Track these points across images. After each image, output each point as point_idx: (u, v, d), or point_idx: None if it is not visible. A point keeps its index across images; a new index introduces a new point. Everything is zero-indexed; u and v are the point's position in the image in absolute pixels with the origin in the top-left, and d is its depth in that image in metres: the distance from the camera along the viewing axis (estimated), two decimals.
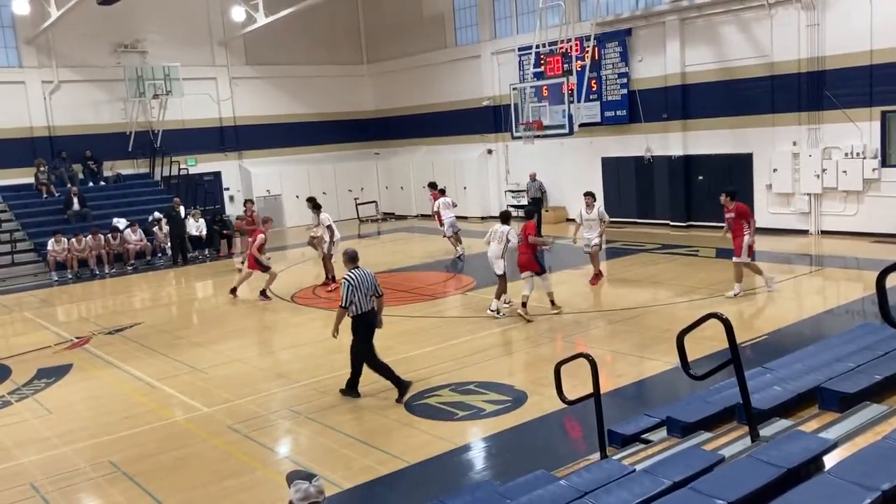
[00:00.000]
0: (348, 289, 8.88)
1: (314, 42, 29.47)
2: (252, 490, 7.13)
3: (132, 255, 21.38)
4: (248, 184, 28.03)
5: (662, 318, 12.03)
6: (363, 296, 8.94)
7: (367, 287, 8.99)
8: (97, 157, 24.91)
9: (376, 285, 9.13)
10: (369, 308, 9.04)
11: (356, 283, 8.90)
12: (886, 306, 4.26)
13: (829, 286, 14.33)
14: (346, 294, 8.88)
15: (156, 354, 12.03)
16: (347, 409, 9.00)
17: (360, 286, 8.91)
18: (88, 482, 7.48)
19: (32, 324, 15.09)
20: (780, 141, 19.19)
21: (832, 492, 3.39)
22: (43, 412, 9.65)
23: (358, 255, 9.33)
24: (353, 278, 8.93)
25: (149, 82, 24.73)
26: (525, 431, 7.95)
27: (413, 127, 29.51)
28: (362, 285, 8.94)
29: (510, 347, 11.35)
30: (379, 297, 9.21)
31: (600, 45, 22.20)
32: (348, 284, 8.90)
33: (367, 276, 9.06)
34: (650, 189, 22.28)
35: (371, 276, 9.13)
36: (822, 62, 18.12)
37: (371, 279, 9.07)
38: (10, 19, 23.67)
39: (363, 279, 8.98)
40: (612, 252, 18.68)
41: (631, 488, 3.96)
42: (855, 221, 18.05)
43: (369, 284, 9.02)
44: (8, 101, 23.62)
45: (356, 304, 8.91)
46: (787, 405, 5.22)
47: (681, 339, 4.99)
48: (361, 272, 9.06)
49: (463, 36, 27.55)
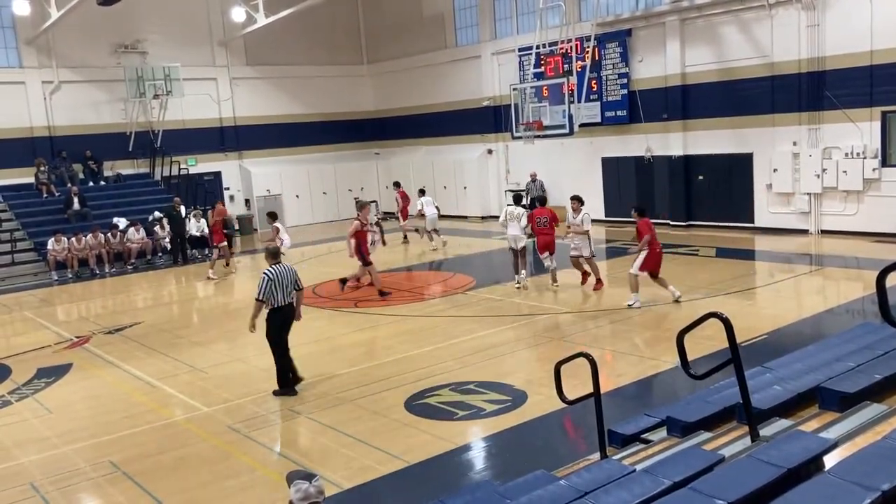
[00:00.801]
0: (267, 283, 9.24)
1: (314, 42, 29.48)
2: (252, 490, 7.13)
3: (133, 255, 21.39)
4: (248, 184, 28.05)
5: (662, 318, 12.03)
6: (283, 290, 9.34)
7: (287, 282, 9.39)
8: (97, 157, 24.92)
9: (296, 280, 9.54)
10: (287, 302, 9.44)
11: (275, 278, 9.28)
12: (886, 306, 4.26)
13: (829, 286, 14.33)
14: (264, 288, 9.24)
15: (156, 354, 12.03)
16: (347, 409, 9.00)
17: (279, 281, 9.30)
18: (88, 482, 7.48)
19: (32, 323, 15.09)
20: (780, 141, 19.19)
21: (832, 492, 3.39)
22: (43, 412, 9.65)
23: (279, 251, 9.92)
24: (272, 273, 9.31)
25: (149, 82, 24.75)
26: (525, 431, 7.94)
27: (413, 127, 29.51)
28: (282, 280, 9.32)
29: (510, 347, 11.34)
30: (298, 290, 9.63)
31: (600, 45, 22.21)
32: (267, 279, 9.25)
33: (287, 271, 9.44)
34: (650, 189, 22.27)
35: (291, 271, 9.52)
36: (822, 62, 18.12)
37: (291, 274, 9.46)
38: (10, 20, 23.69)
39: (282, 274, 9.36)
40: (613, 252, 18.69)
41: (631, 488, 3.96)
42: (855, 221, 18.05)
43: (289, 279, 9.41)
44: (8, 101, 23.63)
45: (274, 298, 9.32)
46: (787, 405, 5.22)
47: (681, 339, 5.00)
48: (282, 267, 9.46)
49: (463, 36, 27.55)
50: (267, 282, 9.23)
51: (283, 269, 9.46)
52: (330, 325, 13.20)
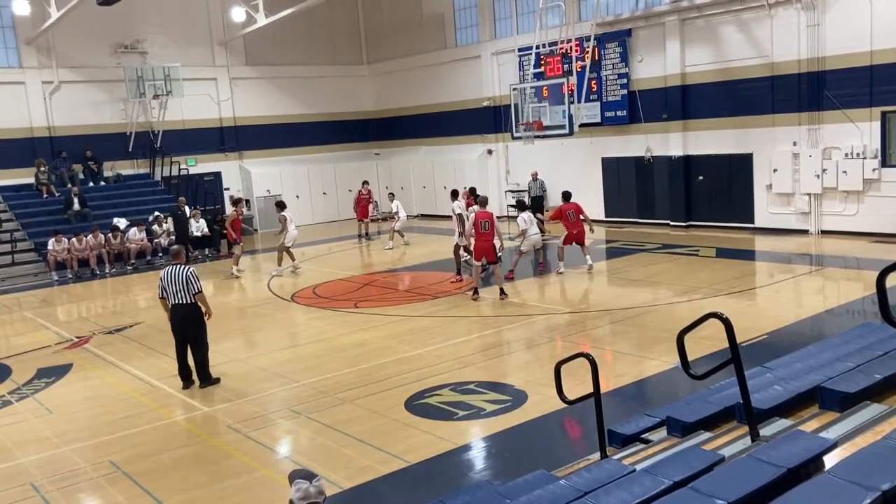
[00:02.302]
0: (160, 282, 9.98)
1: (314, 42, 29.49)
2: (252, 490, 7.13)
3: (133, 255, 21.39)
4: (248, 184, 28.04)
5: (662, 317, 12.03)
6: (175, 290, 9.86)
7: (179, 284, 9.83)
8: (97, 157, 24.92)
9: (189, 284, 9.85)
10: (182, 302, 9.86)
11: (168, 279, 9.87)
12: (886, 306, 4.25)
13: (829, 286, 14.33)
14: (160, 286, 9.99)
15: (156, 354, 12.03)
16: (347, 409, 9.00)
17: (171, 281, 9.84)
18: (88, 482, 7.48)
19: (32, 323, 15.09)
20: (780, 141, 19.19)
21: (832, 492, 3.39)
22: (43, 412, 9.65)
23: (182, 252, 10.49)
24: (166, 274, 9.93)
25: (149, 83, 24.73)
26: (525, 431, 7.94)
27: (413, 127, 29.52)
28: (174, 281, 9.83)
29: (510, 347, 11.34)
30: (196, 293, 10.00)
31: (600, 45, 22.21)
32: (160, 278, 9.99)
33: (180, 274, 9.85)
34: (650, 189, 22.28)
35: (184, 274, 9.85)
36: (822, 62, 18.12)
37: (183, 277, 9.83)
38: (10, 19, 23.68)
39: (176, 276, 9.84)
40: (613, 252, 18.71)
41: (631, 488, 3.96)
42: (855, 221, 18.05)
43: (181, 282, 9.82)
44: (8, 101, 23.63)
45: (169, 297, 9.91)
46: (787, 405, 5.21)
47: (681, 339, 4.99)
48: (176, 269, 9.92)
49: (463, 36, 27.55)
50: (160, 281, 9.94)
51: (178, 271, 9.89)
52: (330, 325, 13.19)
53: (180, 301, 9.89)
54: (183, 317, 9.97)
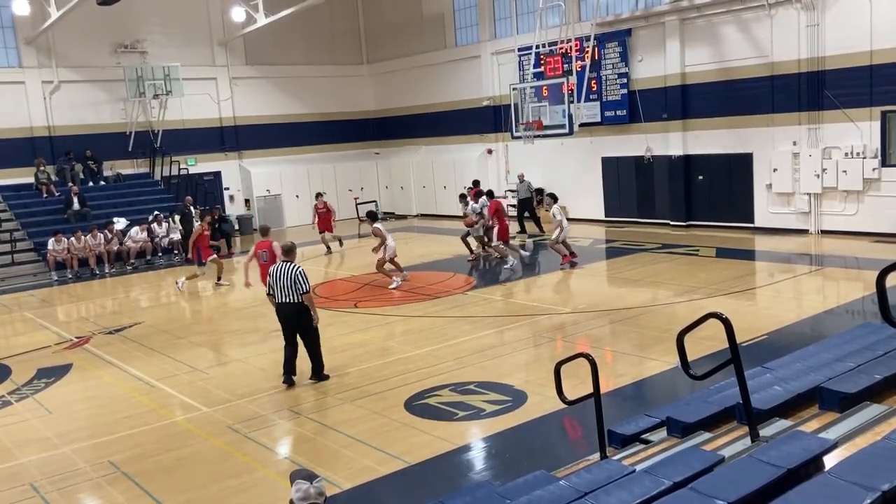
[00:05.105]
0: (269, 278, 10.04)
1: (314, 42, 29.48)
2: (252, 490, 7.13)
3: (132, 255, 21.39)
4: (248, 184, 28.04)
5: (662, 317, 12.03)
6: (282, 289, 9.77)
7: (287, 282, 9.67)
8: (97, 157, 24.91)
9: (297, 284, 9.71)
10: (289, 301, 9.75)
11: (276, 276, 9.79)
12: (886, 306, 4.25)
13: (829, 286, 14.33)
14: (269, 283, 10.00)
15: (156, 354, 12.03)
16: (347, 409, 9.00)
17: (279, 279, 9.76)
18: (88, 482, 7.48)
19: (32, 324, 15.09)
20: (780, 141, 19.19)
21: (832, 492, 3.39)
22: (43, 412, 9.65)
23: (294, 249, 10.41)
24: (275, 271, 9.91)
25: (149, 82, 24.74)
26: (525, 431, 7.95)
27: (413, 127, 29.51)
28: (282, 279, 9.74)
29: (510, 347, 11.34)
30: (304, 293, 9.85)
31: (600, 45, 22.20)
32: (269, 274, 10.09)
33: (289, 273, 9.72)
34: (650, 189, 22.28)
35: (293, 273, 9.68)
36: (821, 62, 18.12)
37: (291, 276, 9.67)
38: (10, 19, 23.67)
39: (284, 275, 9.73)
40: (613, 252, 18.71)
41: (631, 489, 3.96)
42: (855, 221, 18.05)
43: (289, 280, 9.67)
44: (8, 101, 23.63)
45: (276, 295, 9.85)
46: (787, 405, 5.21)
47: (681, 339, 4.99)
48: (285, 267, 9.76)
49: (463, 36, 27.55)
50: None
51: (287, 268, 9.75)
52: (330, 325, 13.17)
53: (287, 300, 9.68)
54: (289, 316, 9.79)
